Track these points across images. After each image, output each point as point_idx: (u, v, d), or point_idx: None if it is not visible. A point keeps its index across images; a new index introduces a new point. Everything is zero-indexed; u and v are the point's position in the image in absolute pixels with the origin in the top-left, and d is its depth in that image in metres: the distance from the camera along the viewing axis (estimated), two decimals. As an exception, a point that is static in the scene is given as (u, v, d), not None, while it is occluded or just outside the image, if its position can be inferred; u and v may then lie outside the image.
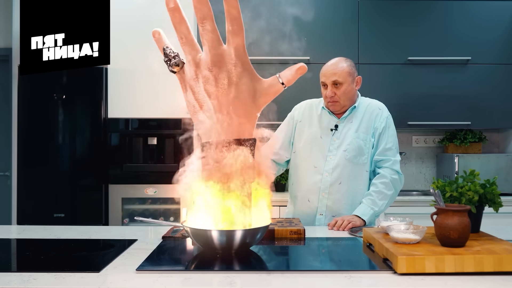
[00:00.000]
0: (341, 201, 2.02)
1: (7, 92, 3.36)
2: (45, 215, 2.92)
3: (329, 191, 2.03)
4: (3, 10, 3.54)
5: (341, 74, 1.99)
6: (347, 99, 2.03)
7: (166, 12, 1.33)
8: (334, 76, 1.99)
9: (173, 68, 1.39)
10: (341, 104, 2.04)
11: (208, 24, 1.32)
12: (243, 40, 1.35)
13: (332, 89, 2.00)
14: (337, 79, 1.99)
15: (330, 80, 2.00)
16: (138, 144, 3.02)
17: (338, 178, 2.02)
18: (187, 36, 1.35)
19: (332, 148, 2.05)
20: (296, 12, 3.27)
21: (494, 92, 3.33)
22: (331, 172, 2.03)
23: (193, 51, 1.37)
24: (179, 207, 3.00)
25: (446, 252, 1.22)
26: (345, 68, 2.01)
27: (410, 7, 3.34)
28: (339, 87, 2.00)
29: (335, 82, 2.00)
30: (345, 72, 2.00)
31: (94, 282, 1.15)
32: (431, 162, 3.71)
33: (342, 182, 2.02)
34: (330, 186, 2.02)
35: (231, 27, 1.33)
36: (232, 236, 1.33)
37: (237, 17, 1.32)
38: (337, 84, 2.00)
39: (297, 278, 1.18)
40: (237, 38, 1.34)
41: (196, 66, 1.37)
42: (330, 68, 2.02)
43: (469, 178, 1.46)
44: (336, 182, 2.02)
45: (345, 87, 2.01)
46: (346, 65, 2.02)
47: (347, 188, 2.02)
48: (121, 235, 1.75)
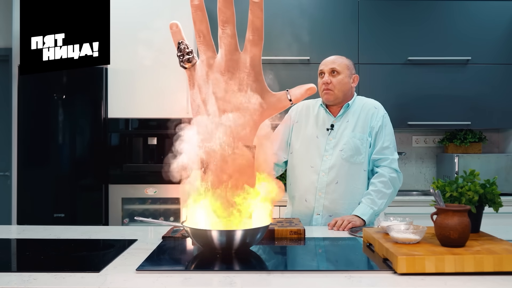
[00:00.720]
0: (338, 201, 2.02)
1: (7, 92, 3.36)
2: (45, 215, 2.92)
3: (325, 191, 2.03)
4: (3, 10, 3.54)
5: (340, 64, 2.05)
6: (341, 90, 2.05)
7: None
8: (333, 64, 2.05)
9: (185, 63, 1.38)
10: (335, 95, 2.04)
11: (229, 28, 1.32)
12: (261, 51, 1.35)
13: (329, 77, 2.04)
14: (335, 67, 2.04)
15: (328, 68, 2.05)
16: (138, 144, 3.02)
17: (335, 178, 2.02)
18: (205, 36, 1.35)
19: (329, 147, 2.05)
20: (296, 12, 3.27)
21: (494, 92, 3.33)
22: (328, 172, 2.03)
23: (209, 51, 1.36)
24: (179, 207, 3.00)
25: (446, 252, 1.22)
26: (344, 61, 2.07)
27: (410, 7, 3.34)
28: (336, 76, 2.04)
29: (333, 69, 2.04)
30: (344, 64, 2.06)
31: (94, 282, 1.15)
32: (431, 162, 3.71)
33: (339, 181, 2.02)
34: (327, 186, 2.02)
35: (251, 37, 1.33)
36: (232, 236, 1.33)
37: (259, 28, 1.32)
38: (335, 72, 2.04)
39: (297, 278, 1.18)
40: (256, 48, 1.34)
41: (208, 67, 1.36)
42: (330, 58, 2.08)
43: (469, 178, 1.46)
44: (332, 182, 2.02)
45: (342, 77, 2.04)
46: (346, 60, 2.09)
47: (344, 187, 2.02)
48: (121, 235, 1.75)
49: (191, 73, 1.40)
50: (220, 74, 1.34)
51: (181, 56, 1.38)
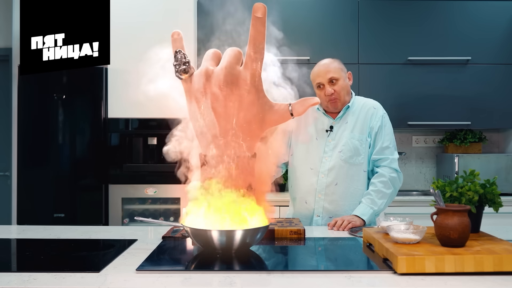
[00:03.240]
0: (338, 202, 2.02)
1: (7, 92, 3.36)
2: (45, 215, 2.92)
3: (325, 193, 2.02)
4: (3, 10, 3.54)
5: (335, 71, 2.02)
6: (345, 94, 2.05)
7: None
8: (330, 74, 2.01)
9: (181, 74, 1.35)
10: (342, 100, 2.04)
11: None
12: (261, 68, 1.33)
13: (330, 87, 2.01)
14: (332, 75, 2.01)
15: (326, 78, 2.02)
16: (138, 144, 3.02)
17: (335, 179, 2.02)
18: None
19: (328, 149, 2.05)
20: (296, 11, 3.27)
21: (494, 92, 3.32)
22: (327, 173, 2.03)
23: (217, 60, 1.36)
24: (179, 207, 3.00)
25: (446, 252, 1.22)
26: (336, 65, 2.05)
27: (410, 7, 3.34)
28: (336, 83, 2.02)
29: (332, 79, 2.01)
30: (338, 69, 2.04)
31: (94, 282, 1.15)
32: (431, 162, 3.71)
33: (338, 183, 2.02)
34: (326, 187, 2.02)
35: (253, 53, 1.30)
36: (232, 236, 1.33)
37: (261, 44, 1.30)
38: (334, 80, 2.02)
39: (297, 278, 1.18)
40: (256, 65, 1.32)
41: (206, 78, 1.34)
42: (323, 68, 2.04)
43: (469, 178, 1.46)
44: (332, 184, 2.02)
45: (341, 82, 2.03)
46: (336, 63, 2.06)
47: (344, 189, 2.02)
48: (121, 235, 1.75)
49: (188, 85, 1.37)
50: (219, 88, 1.32)
51: (177, 65, 1.35)
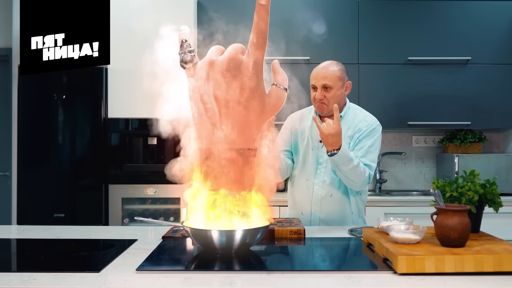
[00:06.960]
0: (332, 214, 2.01)
1: (7, 92, 3.36)
2: (45, 215, 2.92)
3: (320, 204, 2.01)
4: (3, 10, 3.54)
5: (331, 78, 1.96)
6: (336, 103, 1.96)
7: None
8: (325, 80, 1.96)
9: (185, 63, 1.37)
10: (329, 108, 1.99)
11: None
12: (264, 55, 1.34)
13: (322, 92, 1.97)
14: (327, 83, 1.96)
15: (320, 84, 1.97)
16: (138, 144, 3.02)
17: (329, 191, 2.00)
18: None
19: (322, 160, 2.02)
20: (296, 11, 3.27)
21: (494, 92, 3.32)
22: (321, 185, 2.01)
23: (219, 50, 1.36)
24: (179, 207, 3.00)
25: (446, 252, 1.22)
26: (336, 72, 1.98)
27: (410, 7, 3.34)
28: (329, 91, 1.97)
29: (325, 85, 1.97)
30: (335, 77, 1.97)
31: (94, 282, 1.15)
32: (431, 162, 3.71)
33: (333, 194, 2.00)
34: (322, 199, 2.01)
35: (256, 40, 1.31)
36: (232, 236, 1.33)
37: (264, 31, 1.31)
38: (327, 88, 1.97)
39: (297, 278, 1.18)
40: (259, 52, 1.32)
41: (210, 65, 1.35)
42: (321, 71, 1.99)
43: (469, 178, 1.46)
44: (327, 195, 2.00)
45: (334, 91, 1.98)
46: (337, 69, 1.99)
47: (339, 199, 2.00)
48: (121, 235, 1.75)
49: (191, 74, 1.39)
50: (221, 75, 1.33)
51: (182, 53, 1.37)
